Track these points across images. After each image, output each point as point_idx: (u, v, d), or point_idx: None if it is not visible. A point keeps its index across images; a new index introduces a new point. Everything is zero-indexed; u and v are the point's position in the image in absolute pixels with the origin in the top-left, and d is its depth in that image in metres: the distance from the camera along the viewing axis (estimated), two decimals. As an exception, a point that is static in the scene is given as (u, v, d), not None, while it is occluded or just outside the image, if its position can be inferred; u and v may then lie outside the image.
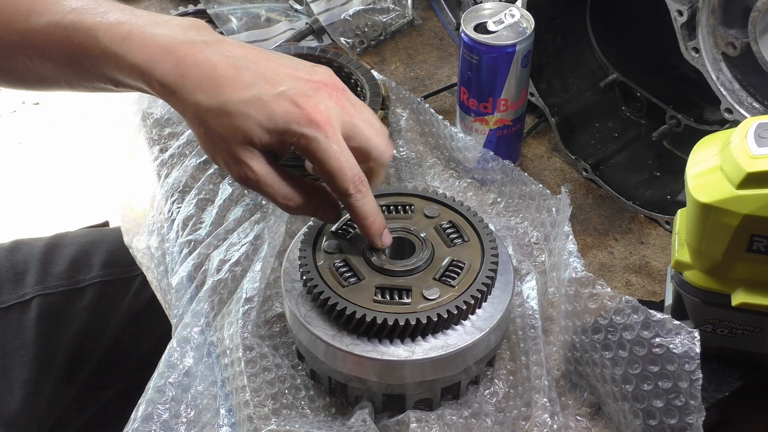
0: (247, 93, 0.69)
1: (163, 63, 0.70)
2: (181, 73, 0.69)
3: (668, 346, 0.67)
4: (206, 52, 0.70)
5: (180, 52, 0.70)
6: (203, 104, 0.69)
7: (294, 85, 0.70)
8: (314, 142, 0.69)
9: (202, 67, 0.70)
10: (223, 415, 0.78)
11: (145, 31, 0.71)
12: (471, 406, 0.76)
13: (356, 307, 0.72)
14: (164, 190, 1.00)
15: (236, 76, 0.70)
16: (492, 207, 0.97)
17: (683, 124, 1.01)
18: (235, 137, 0.69)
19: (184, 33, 0.71)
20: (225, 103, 0.69)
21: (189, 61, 0.70)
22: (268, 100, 0.69)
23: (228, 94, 0.69)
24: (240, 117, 0.69)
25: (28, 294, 1.12)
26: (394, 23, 1.24)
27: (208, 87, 0.69)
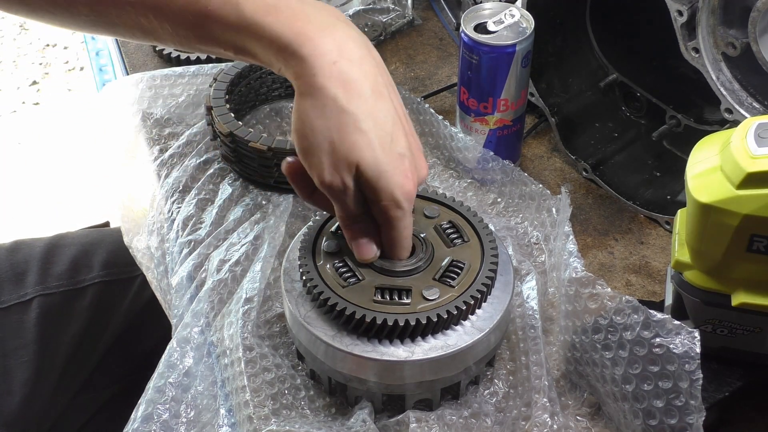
0: (380, 125, 0.69)
1: (316, 41, 0.68)
2: (332, 60, 0.68)
3: (668, 346, 0.67)
4: (362, 51, 0.70)
5: (337, 36, 0.69)
6: (340, 103, 0.68)
7: (413, 151, 0.72)
8: (400, 213, 0.72)
9: (353, 66, 0.69)
10: (223, 415, 0.78)
11: (294, 7, 0.69)
12: (471, 406, 0.76)
13: (356, 307, 0.72)
14: (164, 190, 1.00)
15: (379, 102, 0.70)
16: (492, 207, 0.97)
17: (683, 124, 1.01)
18: (350, 151, 0.69)
19: (338, 19, 0.70)
20: (360, 116, 0.68)
21: (343, 51, 0.68)
22: (395, 149, 0.70)
23: (366, 110, 0.69)
24: (363, 138, 0.69)
25: (29, 294, 1.12)
26: (394, 23, 1.24)
27: (352, 91, 0.68)
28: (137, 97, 1.10)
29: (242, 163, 0.98)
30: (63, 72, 3.00)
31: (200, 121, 1.06)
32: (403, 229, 0.73)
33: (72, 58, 3.05)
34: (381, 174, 0.70)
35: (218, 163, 1.02)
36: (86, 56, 2.63)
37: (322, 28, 0.69)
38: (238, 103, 1.07)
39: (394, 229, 0.73)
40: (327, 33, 0.69)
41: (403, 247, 0.75)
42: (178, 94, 1.10)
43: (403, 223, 0.73)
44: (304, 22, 0.69)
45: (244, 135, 0.95)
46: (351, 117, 0.69)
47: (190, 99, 1.09)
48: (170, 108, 1.09)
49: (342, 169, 0.69)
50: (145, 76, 1.11)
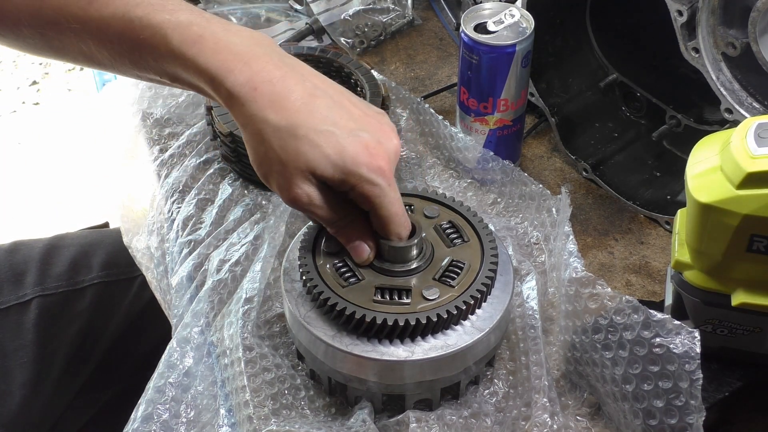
0: (321, 124, 0.69)
1: (236, 73, 0.69)
2: (254, 87, 0.69)
3: (669, 346, 0.67)
4: (281, 70, 0.70)
5: (255, 66, 0.69)
6: (272, 122, 0.69)
7: (367, 129, 0.71)
8: (378, 189, 0.70)
9: (277, 86, 0.69)
10: (223, 415, 0.78)
11: (219, 36, 0.70)
12: (471, 406, 0.76)
13: (356, 307, 0.72)
14: (164, 190, 1.00)
15: (311, 103, 0.70)
16: (492, 207, 0.97)
17: (683, 124, 1.01)
18: (296, 161, 0.69)
19: (259, 46, 0.71)
20: (296, 127, 0.69)
21: (264, 76, 0.69)
22: (341, 137, 0.69)
23: (300, 119, 0.69)
24: (308, 144, 0.69)
25: (28, 295, 1.12)
26: (394, 23, 1.24)
27: (281, 107, 0.69)
28: (137, 97, 1.10)
29: (242, 163, 0.98)
30: (63, 72, 3.00)
31: (200, 121, 1.06)
32: (388, 205, 0.72)
33: (72, 58, 3.05)
34: (336, 165, 0.69)
35: (218, 163, 1.02)
36: (86, 56, 2.62)
37: (242, 59, 0.70)
38: (238, 103, 1.07)
39: (379, 208, 0.72)
40: (246, 62, 0.70)
41: (398, 224, 0.73)
42: (178, 94, 1.10)
43: (387, 199, 0.71)
44: (226, 54, 0.70)
45: (244, 135, 0.95)
46: (287, 131, 0.69)
47: (190, 99, 1.09)
48: (170, 108, 1.09)
49: (298, 181, 0.70)
50: (145, 76, 1.11)
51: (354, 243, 0.75)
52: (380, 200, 0.71)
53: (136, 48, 0.72)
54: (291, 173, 0.69)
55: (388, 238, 0.74)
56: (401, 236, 0.74)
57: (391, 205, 0.72)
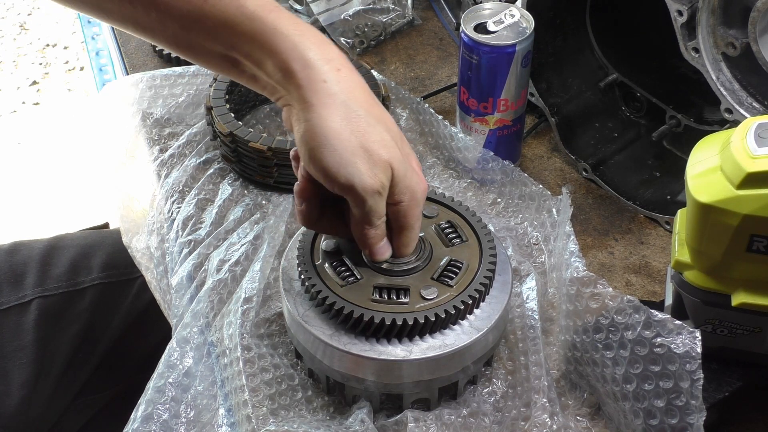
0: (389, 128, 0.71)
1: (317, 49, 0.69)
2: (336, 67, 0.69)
3: (669, 346, 0.67)
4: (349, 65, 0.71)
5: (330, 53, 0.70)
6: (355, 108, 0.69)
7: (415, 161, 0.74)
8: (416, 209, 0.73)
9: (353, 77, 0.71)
10: (223, 415, 0.77)
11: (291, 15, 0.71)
12: (469, 405, 0.76)
13: (354, 306, 0.72)
14: (164, 190, 1.00)
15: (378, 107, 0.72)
16: (492, 207, 0.97)
17: (683, 124, 1.01)
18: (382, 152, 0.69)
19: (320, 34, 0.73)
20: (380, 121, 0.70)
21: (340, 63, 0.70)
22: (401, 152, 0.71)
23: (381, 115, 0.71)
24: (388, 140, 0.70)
25: (28, 296, 1.12)
26: (394, 23, 1.24)
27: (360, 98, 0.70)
28: (137, 97, 1.10)
29: (242, 163, 0.98)
30: (63, 72, 3.00)
31: (200, 121, 1.06)
32: (417, 228, 0.75)
33: (72, 58, 3.05)
34: (405, 172, 0.71)
35: (218, 163, 1.02)
36: (86, 56, 2.63)
37: (319, 39, 0.70)
38: (238, 103, 1.07)
39: (410, 229, 0.74)
40: (322, 44, 0.70)
41: (412, 246, 0.76)
42: (178, 94, 1.10)
43: (418, 223, 0.74)
44: (304, 28, 0.70)
45: (244, 135, 0.95)
46: (369, 120, 0.69)
47: (190, 99, 1.09)
48: (170, 108, 1.09)
49: (380, 170, 0.69)
50: (145, 76, 1.11)
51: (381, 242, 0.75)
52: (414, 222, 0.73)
53: (194, 11, 0.70)
54: (376, 160, 0.69)
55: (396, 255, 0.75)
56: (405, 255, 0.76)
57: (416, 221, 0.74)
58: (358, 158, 0.68)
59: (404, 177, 0.71)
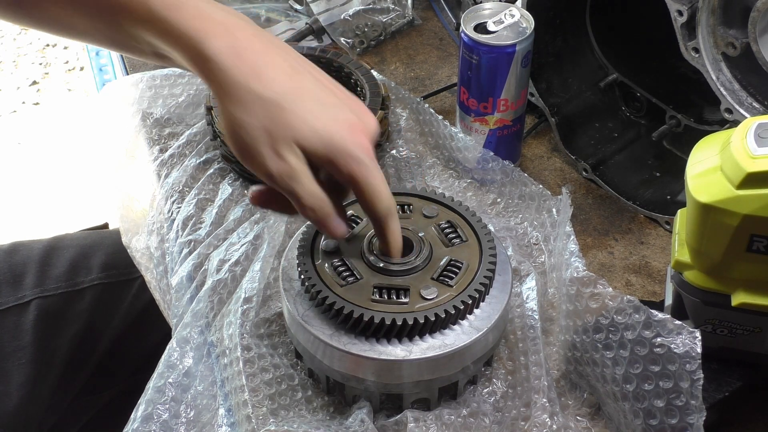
0: (307, 96, 0.68)
1: (219, 38, 0.67)
2: (237, 54, 0.67)
3: (669, 346, 0.67)
4: (266, 44, 0.69)
5: (239, 35, 0.68)
6: (256, 91, 0.67)
7: (351, 108, 0.71)
8: (363, 166, 0.69)
9: (261, 57, 0.68)
10: (223, 415, 0.77)
11: (200, 5, 0.68)
12: (469, 405, 0.76)
13: (354, 306, 0.72)
14: (164, 190, 1.00)
15: (296, 77, 0.69)
16: (492, 207, 0.97)
17: (683, 124, 1.01)
18: (284, 132, 0.67)
19: (241, 19, 0.70)
20: (282, 97, 0.67)
21: (247, 46, 0.68)
22: (327, 113, 0.69)
23: (287, 90, 0.68)
24: (294, 116, 0.67)
25: (27, 296, 1.11)
26: (394, 23, 1.24)
27: (266, 78, 0.67)
28: (137, 97, 1.10)
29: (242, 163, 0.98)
30: (63, 72, 3.00)
31: (200, 121, 1.06)
32: (374, 183, 0.70)
33: (72, 58, 3.05)
34: (323, 139, 0.68)
35: (218, 163, 1.02)
36: (86, 56, 2.63)
37: (225, 26, 0.68)
38: (238, 102, 1.06)
39: (365, 185, 0.70)
40: (229, 30, 0.68)
41: (384, 201, 0.71)
42: (178, 94, 1.10)
43: (371, 177, 0.70)
44: (208, 20, 0.68)
45: (244, 135, 0.95)
46: (273, 102, 0.67)
47: (190, 99, 1.09)
48: (170, 108, 1.09)
49: (284, 151, 0.67)
50: (145, 76, 1.11)
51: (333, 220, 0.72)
52: (366, 178, 0.70)
53: (114, 13, 0.70)
54: (277, 141, 0.67)
55: (376, 217, 0.73)
56: (389, 213, 0.72)
57: (378, 183, 0.70)
58: (260, 143, 0.68)
59: (324, 145, 0.68)
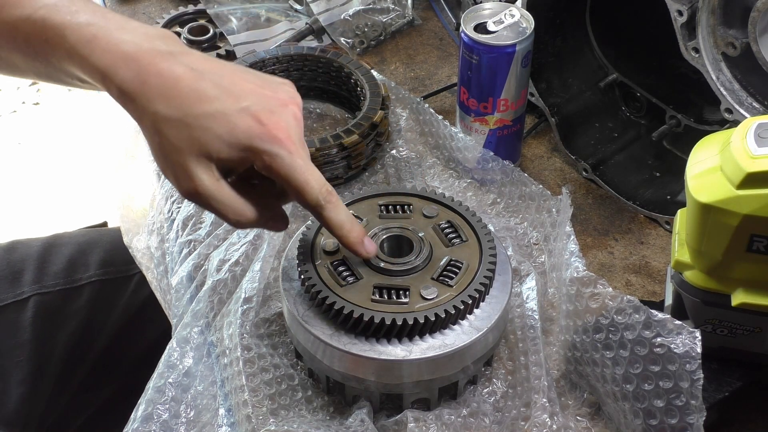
0: (209, 106, 0.68)
1: (124, 69, 0.69)
2: (141, 81, 0.68)
3: (669, 346, 0.67)
4: (169, 62, 0.69)
5: (143, 60, 0.69)
6: (162, 114, 0.68)
7: (257, 101, 0.70)
8: (278, 158, 0.69)
9: (163, 77, 0.69)
10: (223, 414, 0.77)
11: (111, 35, 0.70)
12: (469, 405, 0.76)
13: (354, 306, 0.72)
14: (164, 190, 1.00)
15: (198, 88, 0.69)
16: (492, 207, 0.97)
17: (683, 124, 1.01)
18: (191, 149, 0.68)
19: (150, 41, 0.70)
20: (185, 115, 0.68)
21: (151, 70, 0.69)
22: (231, 115, 0.68)
23: (189, 105, 0.68)
24: (199, 129, 0.68)
25: (25, 293, 1.12)
26: (394, 23, 1.24)
27: (169, 97, 0.68)
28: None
29: (242, 163, 0.98)
30: (63, 72, 3.00)
31: (200, 121, 1.06)
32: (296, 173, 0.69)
33: (72, 59, 3.05)
34: (231, 145, 0.68)
35: (218, 162, 1.01)
36: (86, 56, 2.62)
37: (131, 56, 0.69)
38: (238, 102, 1.06)
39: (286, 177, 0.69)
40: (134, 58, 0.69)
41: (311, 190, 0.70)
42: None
43: (292, 167, 0.69)
44: (115, 51, 0.69)
45: (244, 134, 0.95)
46: (177, 119, 0.68)
47: (190, 99, 1.09)
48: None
49: (195, 168, 0.68)
50: (145, 76, 1.10)
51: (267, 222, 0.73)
52: (285, 170, 0.69)
53: (41, 49, 0.72)
54: (185, 162, 0.68)
55: (309, 208, 0.72)
56: (322, 202, 0.71)
57: (300, 174, 0.69)
58: (170, 167, 0.69)
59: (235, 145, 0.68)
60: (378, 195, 0.83)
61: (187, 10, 1.25)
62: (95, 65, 0.69)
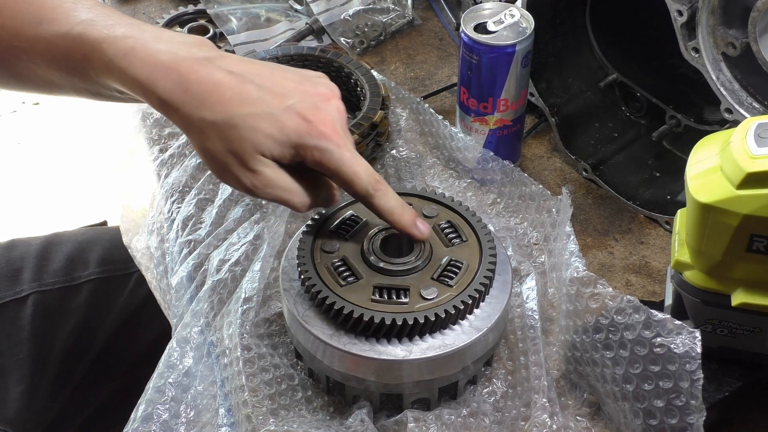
0: (255, 107, 0.70)
1: (164, 79, 0.70)
2: (183, 89, 0.70)
3: (669, 346, 0.67)
4: (209, 68, 0.71)
5: (182, 69, 0.70)
6: (208, 119, 0.69)
7: (301, 98, 0.71)
8: (327, 153, 0.71)
9: (205, 83, 0.70)
10: (223, 414, 0.77)
11: (148, 46, 0.71)
12: (469, 405, 0.76)
13: (354, 306, 0.72)
14: (164, 190, 1.00)
15: (241, 91, 0.70)
16: (492, 207, 0.97)
17: (683, 124, 1.01)
18: (245, 149, 0.70)
19: (187, 49, 0.72)
20: (232, 117, 0.69)
21: (191, 77, 0.70)
22: (278, 114, 0.70)
23: (234, 108, 0.70)
24: (248, 130, 0.69)
25: (24, 291, 1.12)
26: (394, 23, 1.24)
27: (213, 102, 0.70)
28: (137, 98, 1.10)
29: (242, 163, 0.98)
30: (63, 72, 3.00)
31: (200, 121, 1.06)
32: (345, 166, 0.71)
33: (72, 59, 3.05)
34: (282, 143, 0.70)
35: (218, 162, 1.01)
36: (86, 56, 2.62)
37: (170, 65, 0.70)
38: (238, 102, 1.06)
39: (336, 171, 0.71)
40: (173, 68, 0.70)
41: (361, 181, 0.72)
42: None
43: (341, 160, 0.71)
44: (154, 62, 0.70)
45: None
46: (225, 123, 0.69)
47: (190, 99, 1.09)
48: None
49: (255, 165, 0.70)
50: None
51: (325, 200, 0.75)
52: (334, 163, 0.71)
53: (79, 65, 0.73)
54: (246, 160, 0.70)
55: (360, 198, 0.74)
56: (372, 191, 0.73)
57: (349, 167, 0.72)
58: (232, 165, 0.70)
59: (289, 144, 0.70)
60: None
61: (187, 10, 1.25)
62: (135, 77, 0.70)
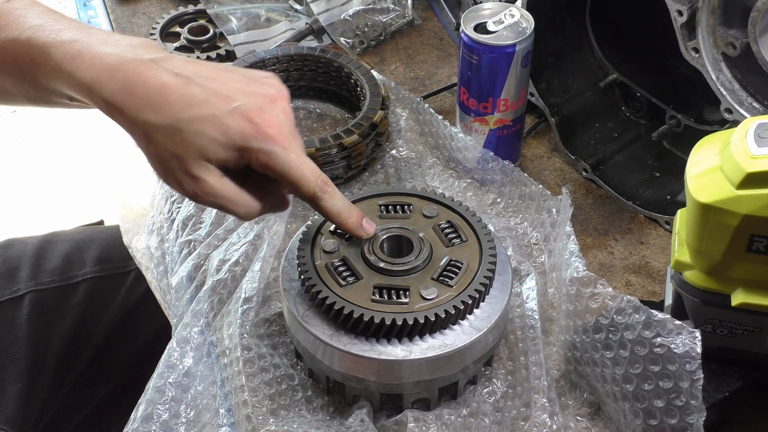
0: (200, 110, 0.69)
1: (109, 82, 0.69)
2: (129, 92, 0.69)
3: (669, 346, 0.67)
4: (154, 70, 0.70)
5: (128, 71, 0.69)
6: (153, 122, 0.68)
7: (247, 100, 0.70)
8: (273, 156, 0.70)
9: (150, 86, 0.69)
10: (223, 414, 0.77)
11: (95, 49, 0.70)
12: (469, 405, 0.76)
13: (354, 306, 0.72)
14: (164, 190, 1.00)
15: (187, 93, 0.69)
16: (492, 207, 0.97)
17: (683, 124, 1.01)
18: (188, 154, 0.69)
19: (133, 51, 0.71)
20: (177, 121, 0.68)
21: (137, 80, 0.69)
22: (222, 117, 0.69)
23: (179, 111, 0.69)
24: (193, 134, 0.68)
25: (21, 290, 1.12)
26: (394, 23, 1.24)
27: (158, 105, 0.69)
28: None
29: (242, 163, 0.98)
30: (63, 72, 3.00)
31: (200, 121, 1.06)
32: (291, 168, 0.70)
33: (72, 59, 3.05)
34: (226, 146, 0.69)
35: (218, 162, 1.01)
36: (86, 56, 2.62)
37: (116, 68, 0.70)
38: (238, 102, 1.06)
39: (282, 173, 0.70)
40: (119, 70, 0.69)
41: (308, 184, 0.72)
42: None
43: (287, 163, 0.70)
44: (99, 65, 0.70)
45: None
46: (170, 126, 0.69)
47: (190, 99, 1.09)
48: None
49: (197, 171, 0.69)
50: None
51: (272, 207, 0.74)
52: (280, 166, 0.70)
53: (29, 71, 0.72)
54: (187, 166, 0.69)
55: (306, 200, 0.73)
56: (317, 193, 0.73)
57: (295, 169, 0.71)
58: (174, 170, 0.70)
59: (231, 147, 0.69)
60: (378, 195, 0.83)
61: (187, 10, 1.25)
62: (81, 80, 0.70)
